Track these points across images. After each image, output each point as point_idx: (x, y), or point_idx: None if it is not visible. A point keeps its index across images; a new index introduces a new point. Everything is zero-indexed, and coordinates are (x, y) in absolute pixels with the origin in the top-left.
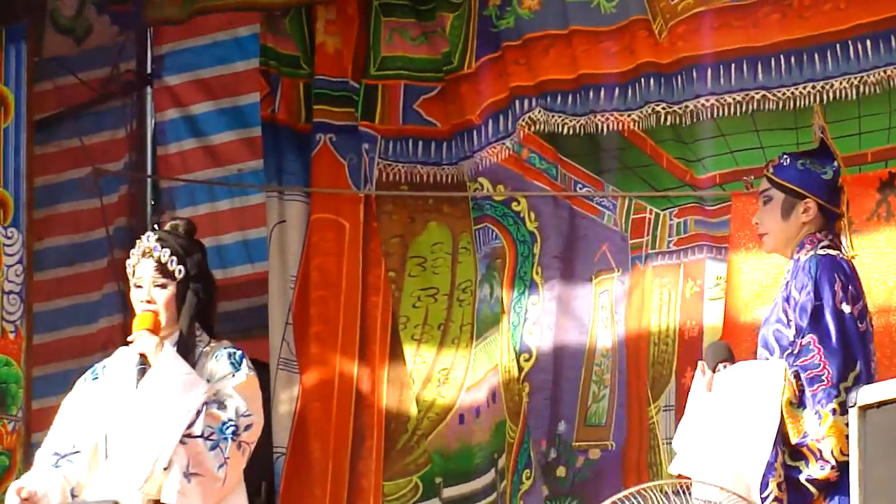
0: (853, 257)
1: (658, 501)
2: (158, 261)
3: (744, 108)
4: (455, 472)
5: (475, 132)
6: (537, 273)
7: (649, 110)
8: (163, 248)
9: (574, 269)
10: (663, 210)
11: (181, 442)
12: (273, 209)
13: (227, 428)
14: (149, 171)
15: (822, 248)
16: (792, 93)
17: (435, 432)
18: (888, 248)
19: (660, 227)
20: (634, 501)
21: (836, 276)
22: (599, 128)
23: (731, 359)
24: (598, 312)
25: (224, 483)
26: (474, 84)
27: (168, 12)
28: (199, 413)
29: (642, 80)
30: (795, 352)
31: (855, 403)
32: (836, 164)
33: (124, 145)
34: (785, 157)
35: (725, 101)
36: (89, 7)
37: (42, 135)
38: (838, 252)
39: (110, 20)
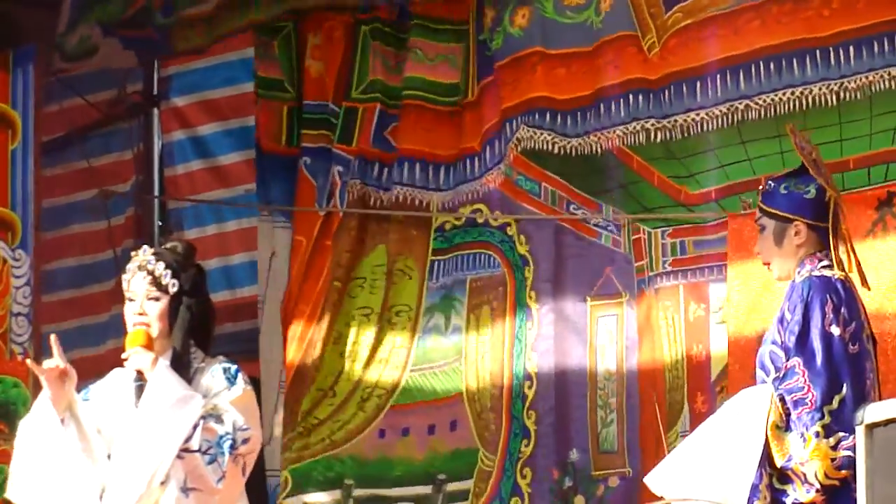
0: (849, 272)
1: None
2: (152, 274)
3: (730, 120)
4: (370, 476)
5: (475, 158)
6: (531, 297)
7: (638, 126)
8: (157, 261)
9: (566, 292)
10: (655, 229)
11: (178, 457)
12: (265, 236)
13: (225, 442)
14: (156, 193)
15: (821, 268)
16: (772, 99)
17: (351, 443)
18: (881, 266)
19: (653, 247)
20: None
21: (828, 297)
22: (594, 147)
23: None
24: (598, 336)
25: (222, 497)
26: (476, 111)
27: (195, 42)
28: (195, 427)
29: (630, 95)
30: (781, 375)
31: (862, 421)
32: (818, 182)
33: (131, 167)
34: (770, 183)
35: (713, 113)
36: (94, 27)
37: (49, 157)
38: (835, 273)
39: (122, 45)
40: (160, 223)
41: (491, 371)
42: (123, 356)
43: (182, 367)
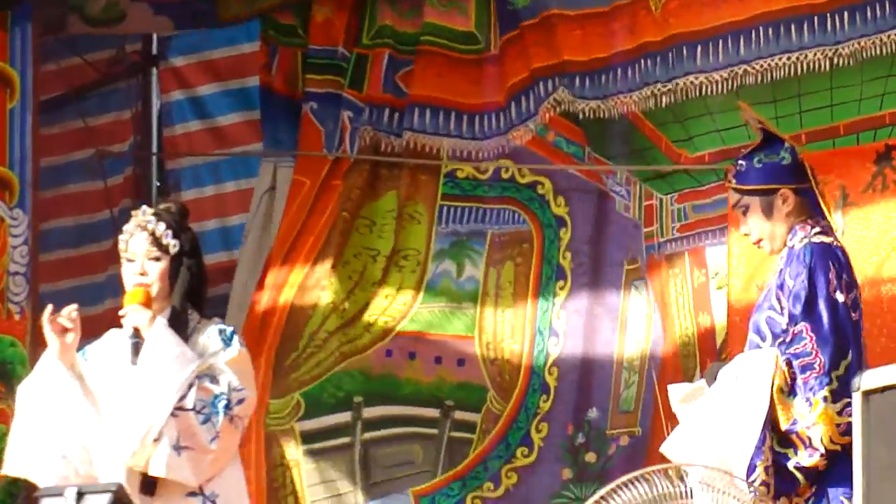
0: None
1: (662, 485)
2: (153, 234)
3: (729, 85)
4: (377, 392)
5: (501, 114)
6: (564, 258)
7: (648, 92)
8: (157, 221)
9: (605, 255)
10: (665, 195)
11: (172, 415)
12: (266, 175)
13: (220, 402)
14: (154, 152)
15: (816, 234)
16: (769, 64)
17: (358, 357)
18: (882, 221)
19: (664, 213)
20: (639, 485)
21: (830, 264)
22: (612, 112)
23: None
24: (630, 299)
25: (216, 456)
26: (498, 66)
27: (235, 10)
28: (191, 386)
29: (642, 60)
30: (788, 340)
31: (858, 388)
32: (787, 145)
33: (129, 126)
34: (740, 162)
35: (713, 78)
36: None
37: (47, 116)
38: (832, 239)
39: (152, 11)
40: (158, 183)
41: (512, 325)
42: (121, 313)
43: (180, 326)
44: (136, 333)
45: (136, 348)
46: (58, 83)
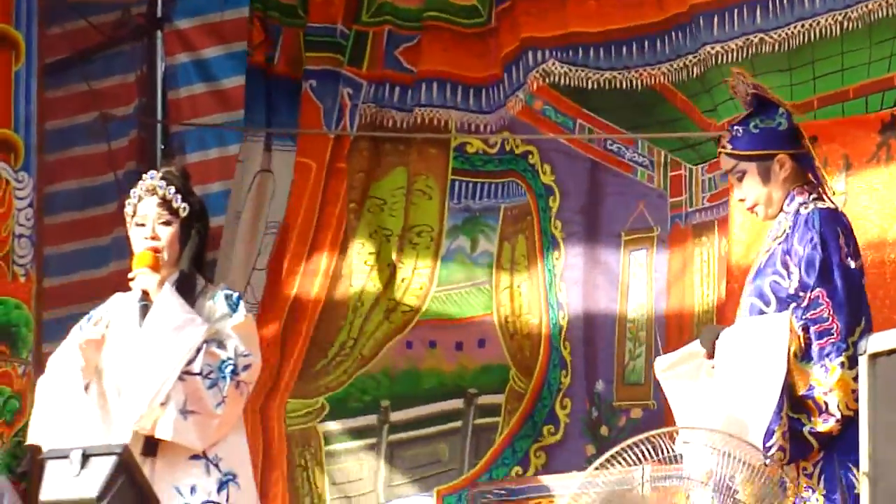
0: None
1: (668, 449)
2: (163, 198)
3: (745, 54)
4: (401, 394)
5: (498, 86)
6: (556, 227)
7: (680, 64)
8: (168, 185)
9: (600, 225)
10: (695, 165)
11: (180, 379)
12: (255, 157)
13: (226, 367)
14: (159, 116)
15: (815, 200)
16: (786, 33)
17: (379, 356)
18: (885, 191)
19: (694, 183)
20: (644, 449)
21: (839, 230)
22: (634, 83)
23: None
24: (630, 269)
25: (221, 421)
26: (495, 37)
27: None
28: (198, 351)
29: (672, 33)
30: (804, 305)
31: (865, 351)
32: (782, 111)
33: (134, 89)
34: (735, 128)
35: (729, 47)
36: None
37: (52, 79)
38: (836, 206)
39: None
40: (162, 146)
41: (529, 300)
42: (130, 276)
43: (188, 290)
44: (145, 297)
45: (145, 312)
46: (63, 46)
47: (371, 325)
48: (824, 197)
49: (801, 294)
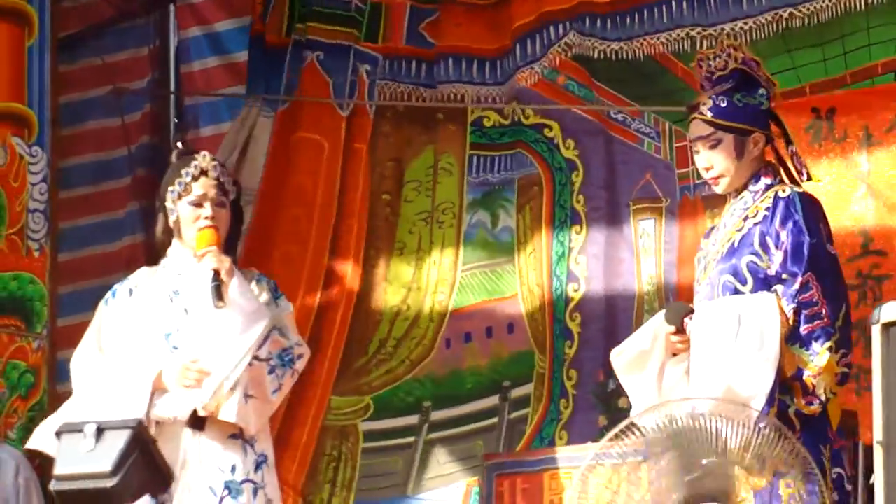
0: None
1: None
2: (217, 180)
3: (775, 28)
4: (444, 396)
5: (508, 58)
6: (578, 202)
7: (682, 34)
8: (220, 167)
9: (618, 198)
10: None
11: (248, 364)
12: (244, 126)
13: (287, 355)
14: (172, 89)
15: (780, 183)
16: (814, 7)
17: (428, 359)
18: None
19: None
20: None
21: (819, 214)
22: (637, 53)
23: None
24: (640, 240)
25: (271, 407)
26: (507, 9)
27: None
28: (266, 338)
29: (673, 2)
30: (796, 288)
31: (878, 320)
32: (762, 91)
33: (147, 63)
34: (719, 97)
35: (759, 21)
36: None
37: (65, 53)
38: (809, 192)
39: None
40: (176, 120)
41: (537, 271)
42: (199, 253)
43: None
44: (217, 276)
45: (218, 291)
46: (75, 20)
47: (420, 329)
48: (789, 180)
49: (786, 277)
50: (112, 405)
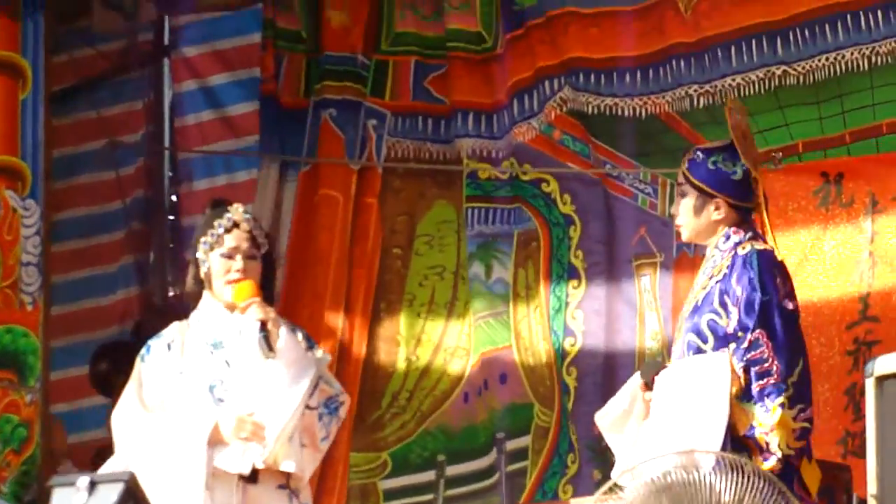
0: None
1: (678, 473)
2: (249, 232)
3: (767, 85)
4: (459, 450)
5: (504, 112)
6: (576, 257)
7: (682, 93)
8: (252, 220)
9: (616, 253)
10: None
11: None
12: (270, 189)
13: (333, 403)
14: (166, 143)
15: (749, 240)
16: (810, 66)
17: (440, 410)
18: None
19: None
20: (655, 474)
21: (775, 271)
22: (636, 111)
23: None
24: (643, 295)
25: (320, 455)
26: (502, 64)
27: None
28: (315, 386)
29: (673, 61)
30: (745, 346)
31: (872, 374)
32: (742, 163)
33: (142, 117)
34: (698, 153)
35: (749, 78)
36: None
37: (60, 106)
38: (772, 248)
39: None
40: (170, 174)
41: (542, 325)
42: (242, 304)
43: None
44: (264, 327)
45: (268, 342)
46: (70, 73)
47: (430, 380)
48: (763, 238)
49: (741, 334)
50: (168, 461)
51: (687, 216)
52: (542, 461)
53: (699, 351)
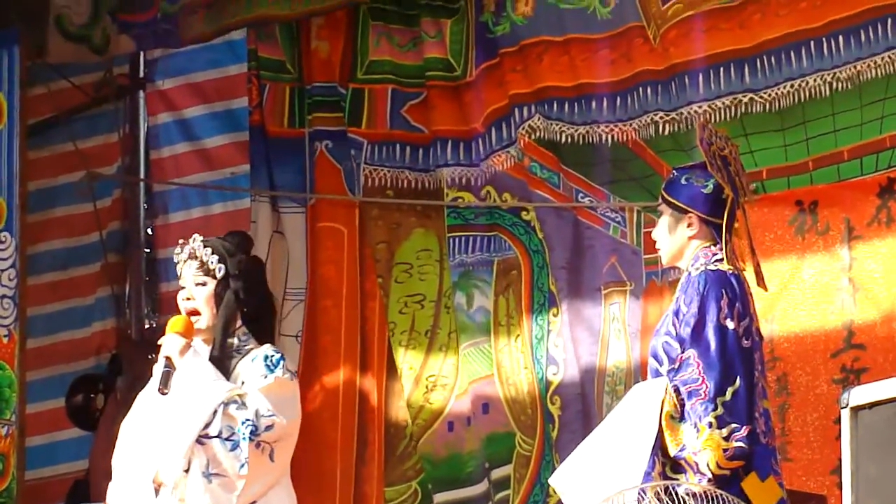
0: (743, 269)
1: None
2: (200, 259)
3: (733, 113)
4: (444, 478)
5: (480, 140)
6: (553, 283)
7: (648, 119)
8: (204, 247)
9: (582, 280)
10: None
11: (199, 442)
12: (265, 219)
13: (246, 427)
14: (142, 175)
15: (715, 262)
16: (776, 93)
17: (424, 438)
18: (890, 255)
19: None
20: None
21: (723, 291)
22: (603, 138)
23: None
24: (610, 324)
25: (249, 481)
26: (476, 92)
27: (198, 29)
28: (214, 413)
29: (640, 88)
30: (676, 366)
31: (847, 405)
32: (714, 180)
33: (117, 149)
34: (675, 172)
35: (716, 105)
36: (105, 16)
37: (36, 139)
38: (731, 267)
39: (118, 29)
40: (146, 206)
41: (524, 354)
42: (158, 342)
43: (221, 350)
44: (168, 362)
45: (166, 378)
46: (46, 106)
47: (412, 410)
48: (729, 258)
49: (679, 354)
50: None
51: (664, 236)
52: (524, 490)
53: (657, 374)
